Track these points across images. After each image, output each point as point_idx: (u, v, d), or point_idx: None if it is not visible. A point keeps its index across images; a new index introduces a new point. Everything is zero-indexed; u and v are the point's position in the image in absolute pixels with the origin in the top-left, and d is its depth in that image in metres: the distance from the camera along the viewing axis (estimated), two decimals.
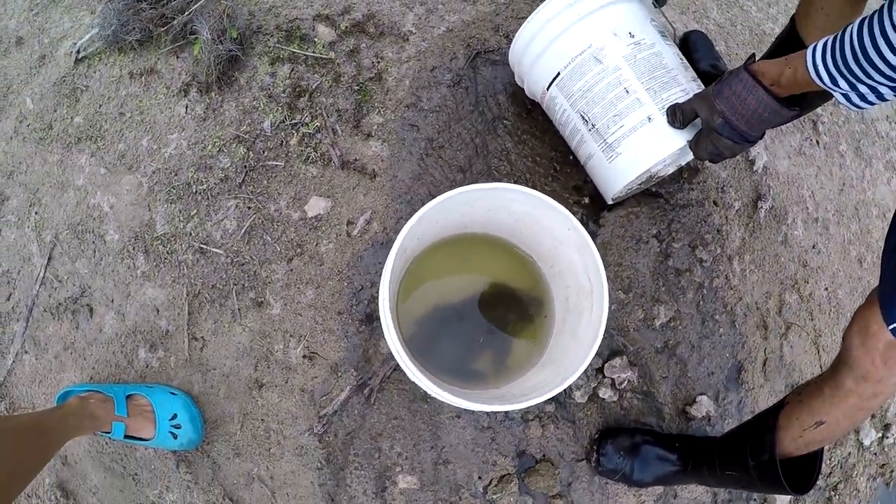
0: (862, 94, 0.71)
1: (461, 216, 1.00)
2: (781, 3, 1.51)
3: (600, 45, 0.95)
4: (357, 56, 1.20)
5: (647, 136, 0.95)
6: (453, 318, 1.05)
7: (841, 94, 0.73)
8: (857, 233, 1.42)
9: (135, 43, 1.21)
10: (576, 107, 1.00)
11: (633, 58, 0.95)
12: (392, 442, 1.08)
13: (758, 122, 0.83)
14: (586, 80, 0.97)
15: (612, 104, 0.95)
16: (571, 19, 0.96)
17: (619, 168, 0.99)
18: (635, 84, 0.94)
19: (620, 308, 1.15)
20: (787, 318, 1.27)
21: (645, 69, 0.95)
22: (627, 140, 0.96)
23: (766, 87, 0.80)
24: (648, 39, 0.96)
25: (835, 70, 0.70)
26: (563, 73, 0.99)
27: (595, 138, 1.00)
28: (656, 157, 0.95)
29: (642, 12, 0.99)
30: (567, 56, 0.98)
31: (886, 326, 0.74)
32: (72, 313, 1.16)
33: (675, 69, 0.97)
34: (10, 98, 1.32)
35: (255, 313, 1.11)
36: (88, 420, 0.97)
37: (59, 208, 1.21)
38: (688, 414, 1.16)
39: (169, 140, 1.18)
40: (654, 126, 0.94)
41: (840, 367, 0.82)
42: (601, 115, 0.97)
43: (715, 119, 0.85)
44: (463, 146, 1.17)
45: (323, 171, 1.15)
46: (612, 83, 0.95)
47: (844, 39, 0.68)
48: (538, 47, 1.01)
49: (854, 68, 0.68)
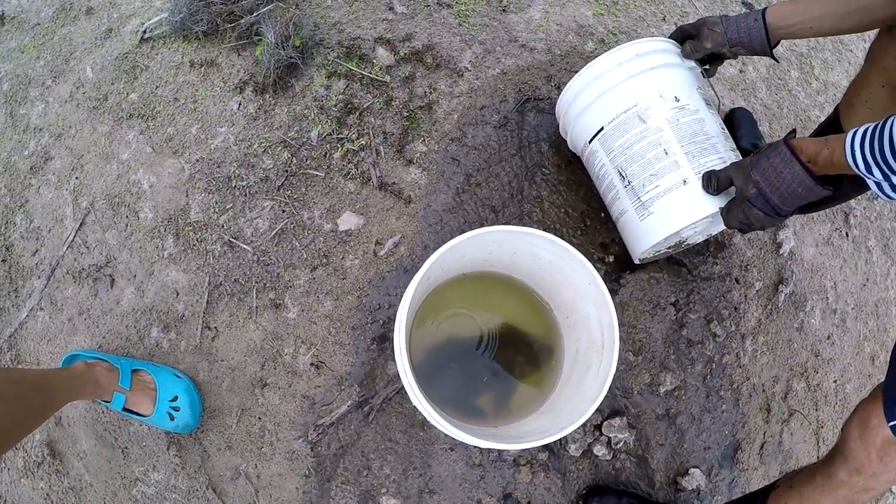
0: (893, 185, 0.71)
1: (488, 254, 1.01)
2: (829, 92, 1.53)
3: (646, 105, 0.97)
4: (411, 83, 1.23)
5: (680, 198, 0.96)
6: (463, 352, 1.06)
7: (874, 182, 0.73)
8: (874, 330, 1.42)
9: (200, 33, 1.25)
10: (615, 162, 1.02)
11: (676, 121, 0.96)
12: (382, 463, 1.08)
13: (791, 196, 0.83)
14: (628, 138, 0.99)
15: (650, 163, 0.97)
16: (621, 77, 0.99)
17: (650, 227, 1.00)
18: (675, 147, 0.96)
19: (628, 369, 1.16)
20: (792, 405, 1.27)
21: (686, 133, 0.96)
22: (661, 200, 0.97)
23: (802, 163, 0.81)
24: (693, 105, 0.98)
25: (871, 158, 0.71)
26: (606, 128, 1.01)
27: (630, 195, 1.01)
28: (687, 220, 0.95)
29: (690, 79, 1.01)
30: (612, 112, 1.00)
31: (886, 423, 0.75)
32: (93, 280, 1.19)
33: (716, 137, 0.98)
34: (72, 64, 1.36)
35: (271, 314, 1.12)
36: (92, 386, 0.99)
37: (99, 177, 1.24)
38: (678, 485, 1.15)
39: (217, 132, 1.22)
40: (688, 189, 0.95)
41: (835, 458, 0.83)
42: (638, 173, 0.99)
43: (749, 189, 0.86)
44: (499, 187, 1.19)
45: (360, 189, 1.17)
46: (653, 143, 0.97)
47: (885, 130, 0.69)
48: (585, 101, 1.03)
49: (890, 159, 0.68)
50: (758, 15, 0.94)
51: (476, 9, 1.32)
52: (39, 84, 1.35)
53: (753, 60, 1.46)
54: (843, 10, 0.88)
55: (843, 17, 0.89)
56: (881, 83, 0.95)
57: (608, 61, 1.00)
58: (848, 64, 1.59)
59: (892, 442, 0.75)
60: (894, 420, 0.74)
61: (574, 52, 1.31)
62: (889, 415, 0.74)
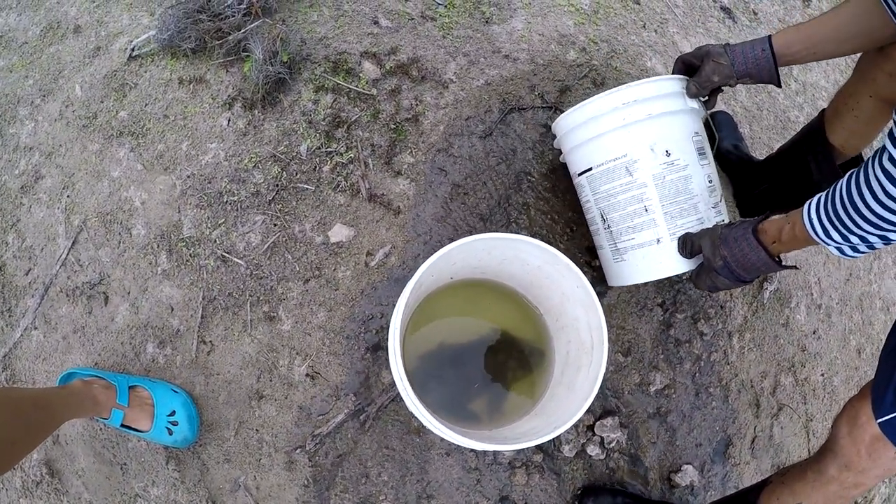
0: (853, 246, 0.75)
1: (478, 261, 1.03)
2: (808, 93, 1.56)
3: (635, 158, 0.97)
4: (397, 96, 1.25)
5: (652, 255, 1.00)
6: (456, 358, 1.08)
7: (835, 247, 0.77)
8: (859, 323, 1.45)
9: (188, 51, 1.27)
10: (598, 204, 1.05)
11: (662, 178, 0.97)
12: (380, 470, 1.10)
13: (755, 271, 0.89)
14: (613, 186, 1.01)
15: (629, 216, 1.00)
16: (616, 124, 0.98)
17: (622, 272, 1.06)
18: (655, 205, 0.98)
19: (618, 370, 1.18)
20: (781, 400, 1.29)
21: (669, 192, 0.98)
22: (634, 252, 1.02)
23: (767, 249, 0.85)
24: (683, 160, 0.98)
25: (828, 222, 0.74)
26: (595, 170, 1.03)
27: (608, 238, 1.06)
28: (654, 277, 1.02)
29: (687, 127, 1.00)
30: (602, 157, 1.01)
31: (875, 419, 0.77)
32: (87, 298, 1.19)
33: (699, 196, 0.99)
34: (61, 82, 1.37)
35: (265, 326, 1.14)
36: (90, 403, 1.00)
37: (91, 195, 1.25)
38: (672, 481, 1.17)
39: (208, 148, 1.23)
40: (660, 248, 0.99)
41: (826, 454, 0.85)
42: (618, 222, 1.02)
43: (717, 261, 0.90)
44: (486, 196, 1.22)
45: (350, 201, 1.19)
46: (636, 198, 0.99)
47: (835, 192, 0.73)
48: (579, 138, 1.04)
49: (844, 219, 0.72)
50: (765, 44, 0.93)
51: (459, 21, 1.35)
52: (28, 103, 1.36)
53: None
54: (844, 35, 0.90)
55: (843, 42, 0.90)
56: (868, 94, 0.98)
57: (605, 104, 0.98)
58: (826, 64, 1.63)
59: (881, 438, 0.77)
60: (882, 417, 0.76)
61: (556, 61, 1.33)
62: (877, 412, 0.77)
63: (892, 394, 0.75)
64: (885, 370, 0.79)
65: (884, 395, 0.76)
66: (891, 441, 0.76)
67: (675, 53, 1.43)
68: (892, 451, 0.77)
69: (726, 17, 1.55)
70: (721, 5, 1.55)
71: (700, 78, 0.97)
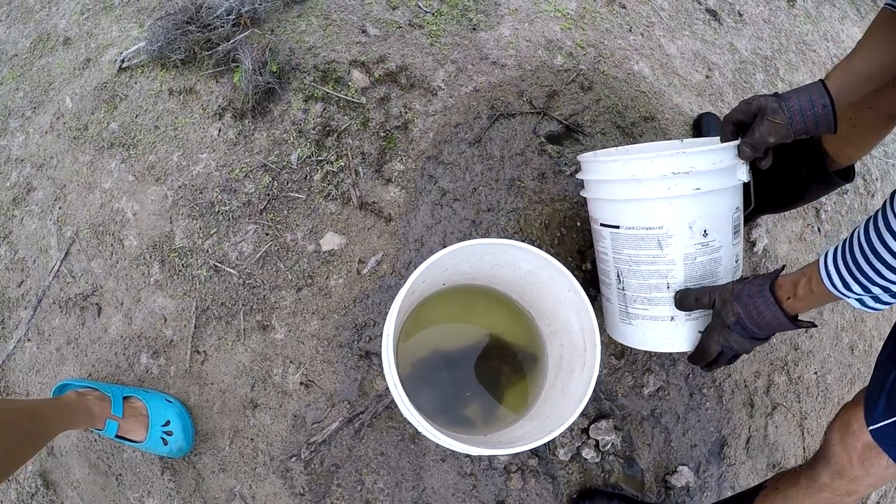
0: (876, 296, 0.71)
1: (469, 267, 1.04)
2: None
3: (671, 233, 0.91)
4: (387, 104, 1.26)
5: (662, 330, 0.97)
6: (449, 364, 1.08)
7: (855, 299, 0.73)
8: (851, 320, 1.45)
9: (178, 61, 1.27)
10: (617, 264, 0.98)
11: (693, 259, 0.92)
12: (376, 477, 1.10)
13: (769, 329, 0.84)
14: (639, 254, 0.94)
15: (649, 288, 0.96)
16: (659, 193, 0.89)
17: (625, 333, 1.03)
18: (679, 284, 0.94)
19: (611, 373, 1.18)
20: (775, 399, 1.30)
21: (696, 274, 0.93)
22: (644, 322, 0.98)
23: (783, 308, 0.80)
24: (718, 242, 0.93)
25: (847, 273, 0.70)
26: (622, 230, 0.95)
27: (619, 297, 1.01)
28: (660, 349, 1.00)
29: (730, 204, 0.93)
30: (635, 221, 0.93)
31: (867, 427, 0.77)
32: (80, 309, 1.19)
33: (723, 277, 0.95)
34: (51, 94, 1.37)
35: (259, 335, 1.14)
36: (84, 415, 0.99)
37: (83, 207, 1.25)
38: (668, 483, 1.18)
39: (199, 159, 1.23)
40: (673, 325, 0.96)
41: (818, 461, 0.85)
42: (635, 288, 0.97)
43: (729, 317, 0.85)
44: (476, 202, 1.22)
45: (341, 209, 1.19)
46: (660, 273, 0.93)
47: (853, 240, 0.69)
48: (614, 193, 0.95)
49: (865, 268, 0.67)
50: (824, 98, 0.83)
51: (447, 28, 1.36)
52: (19, 115, 1.36)
53: (718, 65, 1.50)
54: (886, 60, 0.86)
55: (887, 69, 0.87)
56: (867, 105, 0.97)
57: (655, 168, 0.87)
58: (812, 64, 1.64)
59: (873, 446, 0.77)
60: (874, 425, 0.76)
61: (544, 66, 1.34)
62: (869, 420, 0.77)
63: (885, 402, 0.75)
64: (879, 378, 0.78)
65: (876, 403, 0.76)
66: (882, 449, 0.76)
67: (662, 56, 1.44)
68: (885, 459, 0.76)
69: (712, 20, 1.56)
70: (706, 7, 1.57)
71: (753, 138, 0.87)
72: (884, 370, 0.78)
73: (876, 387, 0.78)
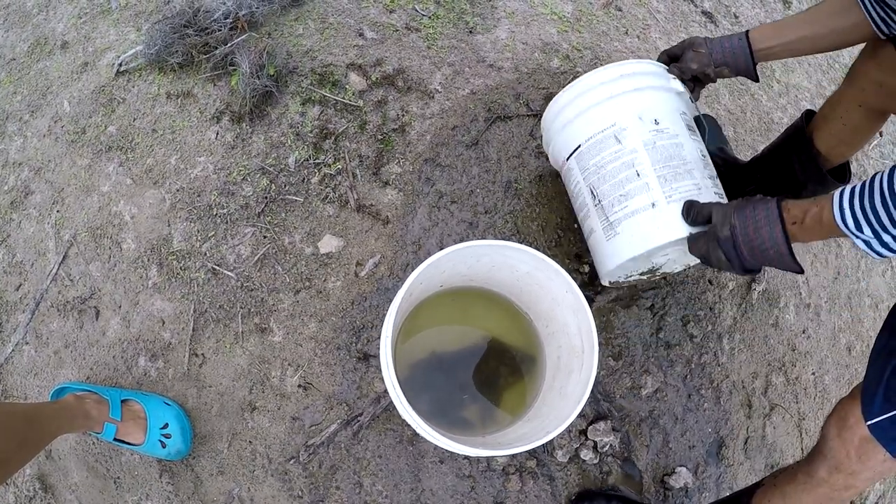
0: (885, 243, 0.70)
1: (467, 269, 1.04)
2: (791, 94, 1.58)
3: (624, 126, 0.97)
4: (384, 107, 1.26)
5: (647, 221, 0.94)
6: (448, 366, 1.08)
7: (863, 240, 0.71)
8: (848, 321, 1.46)
9: (175, 65, 1.27)
10: (588, 180, 1.01)
11: (653, 143, 0.95)
12: (374, 479, 1.10)
13: (760, 254, 0.81)
14: (602, 157, 0.98)
15: (620, 184, 0.96)
16: (602, 96, 0.99)
17: (615, 248, 0.98)
18: (647, 169, 0.94)
19: (609, 374, 1.19)
20: (772, 399, 1.30)
21: (661, 156, 0.95)
22: (628, 221, 0.96)
23: (784, 227, 0.78)
24: (673, 129, 0.97)
25: (861, 215, 0.69)
26: (583, 146, 1.01)
27: (598, 214, 1.00)
28: (650, 245, 0.93)
29: (674, 104, 1.00)
30: (590, 130, 1.00)
31: (864, 422, 0.77)
32: (78, 313, 1.19)
33: (693, 163, 0.96)
34: (49, 98, 1.37)
35: (257, 338, 1.14)
36: (82, 418, 0.99)
37: (80, 210, 1.25)
38: (666, 484, 1.18)
39: (196, 162, 1.24)
40: (655, 212, 0.93)
41: (815, 456, 0.85)
42: (608, 193, 0.98)
43: (723, 230, 0.83)
44: (474, 204, 1.23)
45: (339, 212, 1.20)
46: (626, 164, 0.96)
47: (874, 185, 0.68)
48: (566, 117, 1.04)
49: (881, 214, 0.67)
50: (741, 35, 0.96)
51: (444, 31, 1.36)
52: (17, 119, 1.36)
53: None
54: (818, 32, 0.93)
55: (818, 40, 0.94)
56: (858, 103, 0.99)
57: (591, 80, 1.00)
58: (808, 65, 1.65)
59: (870, 441, 0.77)
60: (872, 419, 0.76)
61: (540, 69, 1.35)
62: (867, 414, 0.76)
63: (882, 396, 0.75)
64: (874, 372, 0.79)
65: (873, 398, 0.76)
66: (880, 444, 0.76)
67: None
68: (882, 453, 0.76)
69: (708, 21, 1.57)
70: (702, 10, 1.58)
71: (680, 64, 1.02)
72: (878, 365, 0.79)
73: (872, 381, 0.78)
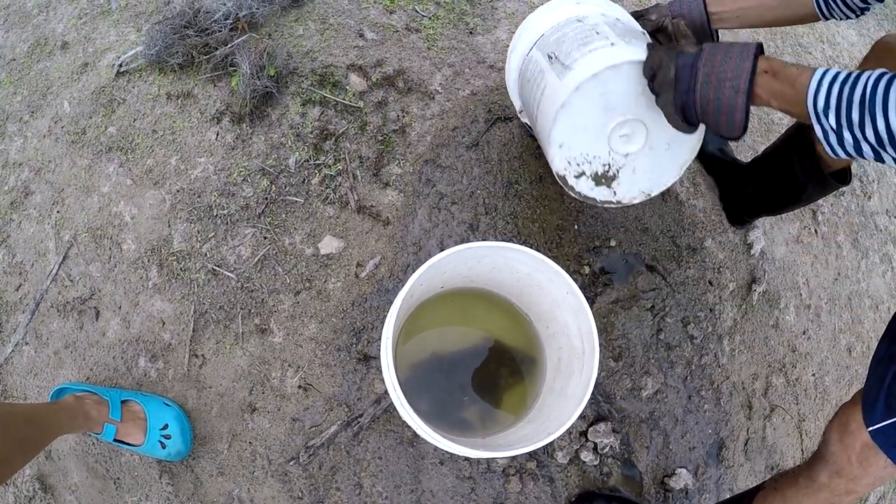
0: (843, 140, 0.67)
1: (468, 270, 1.04)
2: None
3: (586, 14, 0.99)
4: (384, 108, 1.26)
5: (604, 53, 0.89)
6: (448, 367, 1.08)
7: (822, 129, 0.68)
8: (849, 322, 1.46)
9: (176, 66, 1.27)
10: (545, 51, 0.98)
11: (614, 24, 0.96)
12: (374, 480, 1.10)
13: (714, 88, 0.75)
14: (563, 32, 0.97)
15: (581, 41, 0.93)
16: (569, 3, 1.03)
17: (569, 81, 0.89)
18: (608, 31, 0.93)
19: (609, 376, 1.19)
20: (773, 401, 1.30)
21: (621, 31, 0.94)
22: (584, 58, 0.90)
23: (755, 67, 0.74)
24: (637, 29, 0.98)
25: (834, 101, 0.65)
26: (546, 33, 1.00)
27: (554, 68, 0.94)
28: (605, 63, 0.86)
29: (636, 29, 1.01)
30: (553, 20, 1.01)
31: (865, 428, 0.77)
32: (78, 313, 1.19)
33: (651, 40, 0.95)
34: (49, 98, 1.37)
35: (257, 339, 1.14)
36: (82, 419, 0.99)
37: (81, 211, 1.25)
38: (666, 485, 1.18)
39: (197, 163, 1.24)
40: (615, 48, 0.89)
41: (817, 461, 0.85)
42: (567, 47, 0.94)
43: (689, 47, 0.79)
44: (474, 205, 1.22)
45: (339, 213, 1.20)
46: (587, 30, 0.95)
47: (859, 81, 0.64)
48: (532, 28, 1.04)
49: (853, 114, 0.64)
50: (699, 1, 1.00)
51: (444, 32, 1.36)
52: (17, 119, 1.36)
53: None
54: (767, 4, 0.96)
55: (767, 11, 0.97)
56: None
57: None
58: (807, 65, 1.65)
59: (872, 446, 0.77)
60: (873, 425, 0.76)
61: None
62: (868, 420, 0.77)
63: (884, 402, 0.75)
64: (875, 378, 0.79)
65: (874, 404, 0.76)
66: (881, 450, 0.76)
67: None
68: (883, 459, 0.77)
69: None
70: None
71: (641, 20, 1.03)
72: (879, 370, 0.79)
73: (873, 387, 0.78)
